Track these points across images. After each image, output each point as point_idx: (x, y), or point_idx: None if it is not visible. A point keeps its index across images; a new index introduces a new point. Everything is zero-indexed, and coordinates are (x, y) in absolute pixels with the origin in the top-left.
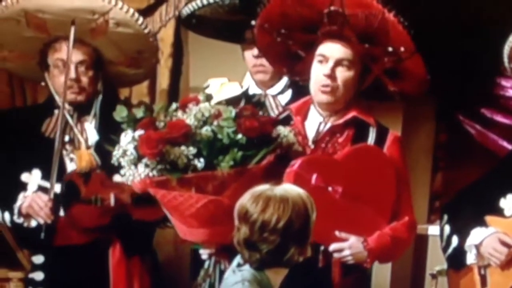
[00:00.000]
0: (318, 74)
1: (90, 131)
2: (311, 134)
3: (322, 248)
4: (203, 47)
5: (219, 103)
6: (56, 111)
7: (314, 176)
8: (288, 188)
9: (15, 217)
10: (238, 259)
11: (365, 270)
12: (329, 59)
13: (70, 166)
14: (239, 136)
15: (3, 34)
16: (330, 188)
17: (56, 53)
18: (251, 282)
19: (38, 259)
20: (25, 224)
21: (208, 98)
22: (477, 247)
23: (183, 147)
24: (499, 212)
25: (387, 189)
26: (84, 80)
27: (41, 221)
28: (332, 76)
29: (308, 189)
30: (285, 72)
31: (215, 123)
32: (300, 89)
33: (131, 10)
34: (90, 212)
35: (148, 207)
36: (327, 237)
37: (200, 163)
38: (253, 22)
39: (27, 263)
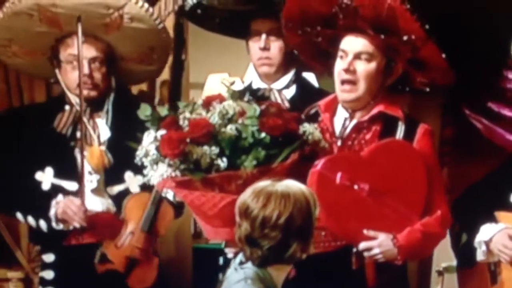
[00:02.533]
0: (339, 70)
1: (102, 127)
2: (338, 130)
3: (354, 250)
4: (203, 42)
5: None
6: (67, 107)
7: (338, 175)
8: (290, 184)
9: (54, 225)
10: (240, 257)
11: (400, 272)
12: (348, 53)
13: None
14: (263, 134)
15: (14, 29)
16: (356, 186)
17: (69, 49)
18: (253, 280)
19: (49, 257)
20: (65, 229)
21: (234, 95)
22: (487, 243)
23: (205, 147)
24: (510, 207)
25: (417, 184)
26: (97, 76)
27: (77, 225)
28: (351, 70)
29: (333, 188)
30: (322, 71)
31: (240, 121)
32: (305, 84)
33: (146, 5)
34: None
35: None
36: (356, 236)
37: (223, 162)
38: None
39: (26, 262)
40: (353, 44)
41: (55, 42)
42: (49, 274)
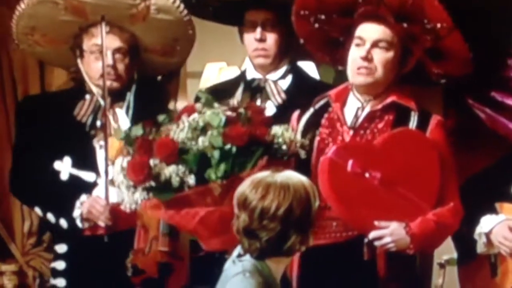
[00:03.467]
0: (355, 57)
1: (122, 118)
2: (349, 120)
3: (366, 240)
4: (199, 30)
5: (219, 86)
6: (87, 96)
7: (350, 162)
8: (290, 175)
9: (79, 224)
10: (238, 249)
11: (410, 264)
12: (366, 40)
13: (100, 153)
14: (228, 146)
15: (38, 17)
16: (367, 174)
17: (93, 39)
18: (252, 273)
19: (61, 248)
20: (87, 226)
21: (208, 103)
22: (487, 235)
23: (173, 167)
24: (511, 198)
25: (430, 174)
26: (120, 67)
27: (102, 224)
28: (369, 58)
29: (345, 176)
30: (328, 61)
31: (209, 132)
32: (301, 74)
33: None
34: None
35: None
36: (366, 225)
37: (191, 179)
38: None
39: (20, 256)
40: (371, 31)
41: (78, 30)
42: (60, 265)
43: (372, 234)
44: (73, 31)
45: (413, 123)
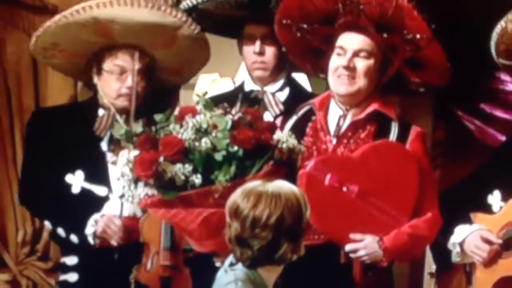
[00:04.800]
0: (336, 66)
1: None
2: (332, 129)
3: None
4: None
5: (217, 98)
6: (101, 110)
7: (328, 176)
8: (281, 184)
9: (91, 240)
10: (230, 258)
11: (386, 272)
12: (347, 50)
13: (111, 169)
14: (235, 148)
15: (61, 35)
16: (345, 188)
17: (116, 60)
18: (244, 282)
19: (72, 260)
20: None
21: (208, 106)
22: (461, 245)
23: (178, 165)
24: (487, 208)
25: (408, 186)
26: (138, 88)
27: (115, 244)
28: (350, 67)
29: (322, 190)
30: (310, 69)
31: (213, 134)
32: (297, 86)
33: (198, 27)
34: None
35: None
36: (342, 237)
37: (197, 179)
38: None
39: (14, 265)
40: (352, 41)
41: (99, 49)
42: (72, 277)
43: (347, 247)
44: (94, 49)
45: (393, 134)
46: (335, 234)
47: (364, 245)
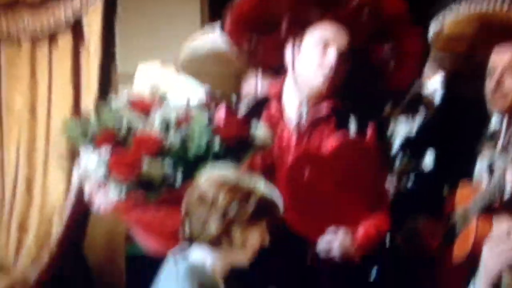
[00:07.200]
0: (322, 61)
1: None
2: (291, 120)
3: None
4: (131, 28)
5: None
6: None
7: (306, 172)
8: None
9: None
10: (176, 252)
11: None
12: (333, 46)
13: None
14: (215, 146)
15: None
16: (320, 184)
17: None
18: (192, 273)
19: None
20: None
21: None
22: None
23: (162, 162)
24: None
25: (374, 180)
26: None
27: None
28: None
29: (301, 185)
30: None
31: (190, 128)
32: None
33: None
34: None
35: None
36: (318, 232)
37: (178, 178)
38: None
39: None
40: (337, 37)
41: None
42: None
43: (320, 247)
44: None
45: (354, 127)
46: (310, 230)
47: (337, 244)
